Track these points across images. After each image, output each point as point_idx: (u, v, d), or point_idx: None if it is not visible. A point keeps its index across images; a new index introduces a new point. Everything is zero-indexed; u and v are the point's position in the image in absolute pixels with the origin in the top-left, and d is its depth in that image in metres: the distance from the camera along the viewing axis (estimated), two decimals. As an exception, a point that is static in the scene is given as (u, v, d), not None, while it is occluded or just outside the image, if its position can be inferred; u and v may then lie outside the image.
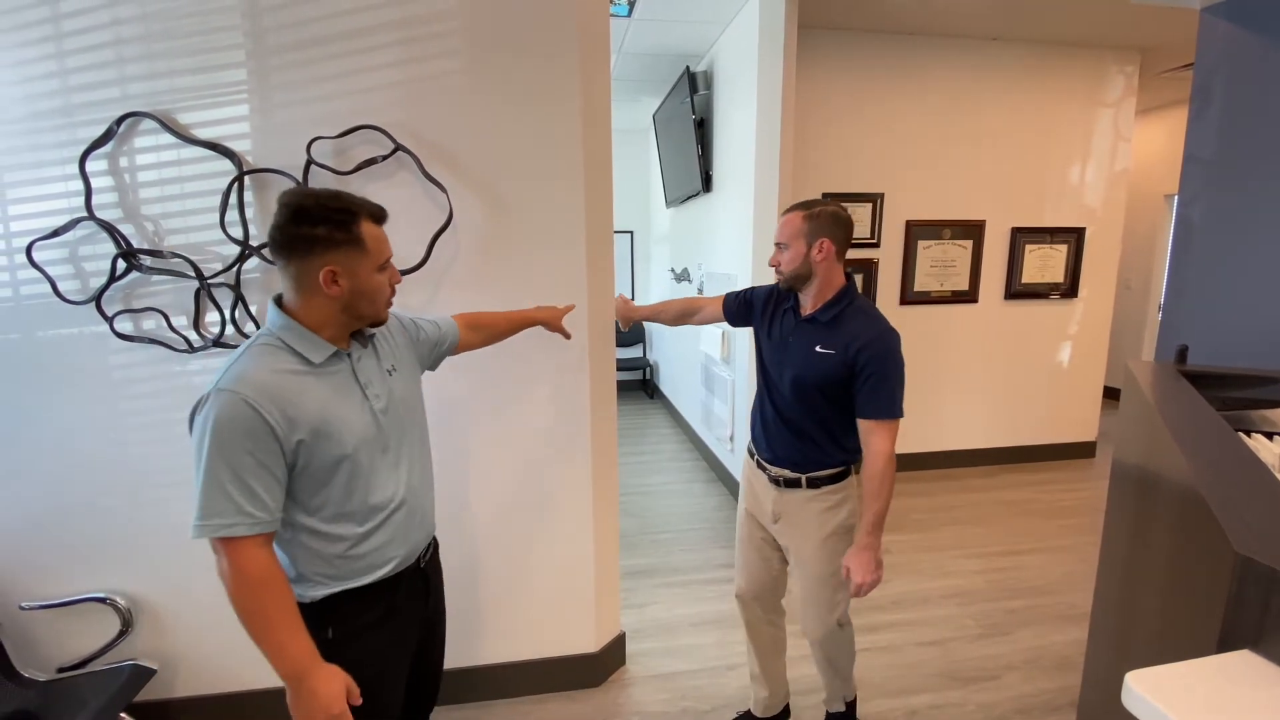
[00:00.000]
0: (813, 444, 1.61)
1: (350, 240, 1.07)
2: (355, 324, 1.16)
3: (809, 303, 1.61)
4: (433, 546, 1.36)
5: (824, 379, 1.54)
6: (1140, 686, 0.60)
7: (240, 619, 1.01)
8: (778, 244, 1.60)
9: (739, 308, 1.85)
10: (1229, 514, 0.77)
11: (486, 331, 1.65)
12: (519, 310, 1.78)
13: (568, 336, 1.84)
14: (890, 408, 1.50)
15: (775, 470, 1.67)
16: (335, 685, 1.04)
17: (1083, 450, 4.52)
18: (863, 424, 1.54)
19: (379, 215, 1.14)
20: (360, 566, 1.16)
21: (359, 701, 1.08)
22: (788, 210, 1.59)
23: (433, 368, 1.50)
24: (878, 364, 1.49)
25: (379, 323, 1.21)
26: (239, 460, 1.00)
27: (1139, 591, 1.19)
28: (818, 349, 1.55)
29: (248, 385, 1.02)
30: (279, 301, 1.12)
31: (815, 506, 1.63)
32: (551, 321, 1.79)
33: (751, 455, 1.79)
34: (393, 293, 1.20)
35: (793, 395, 1.60)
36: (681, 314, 2.00)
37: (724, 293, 1.90)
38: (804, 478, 1.63)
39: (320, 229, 1.05)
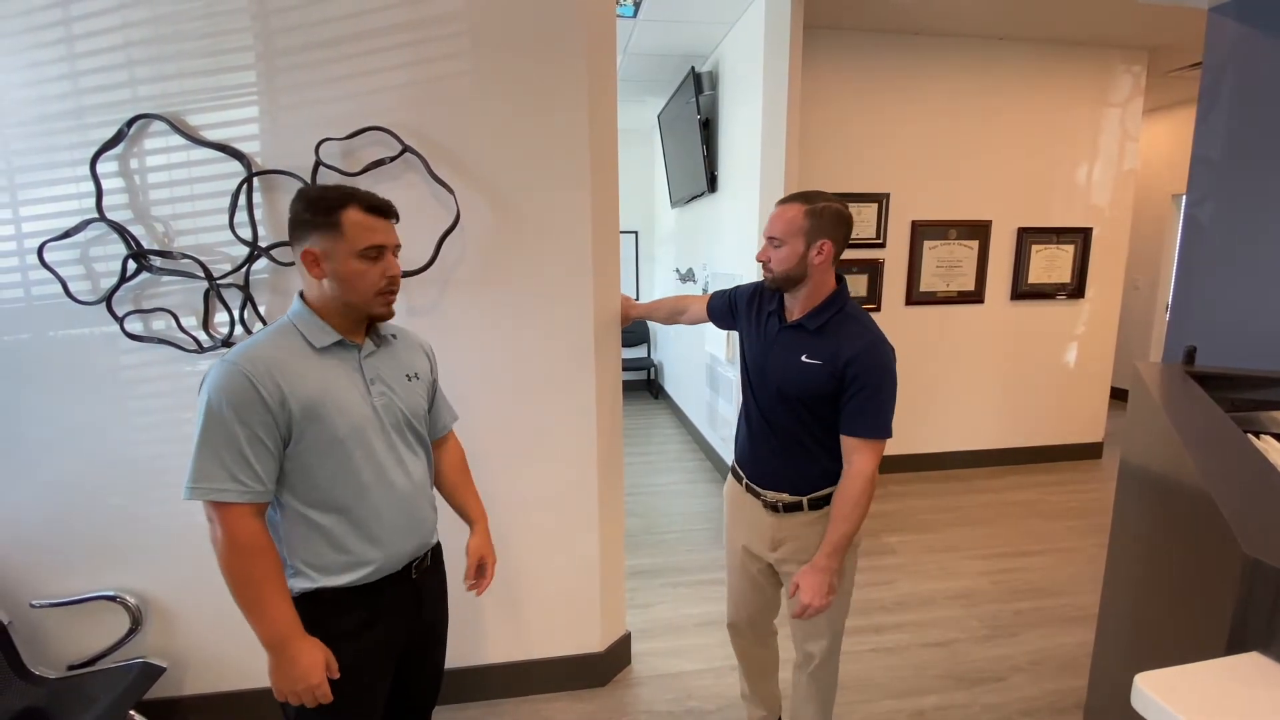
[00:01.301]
0: (809, 460, 1.49)
1: (329, 224, 1.10)
2: (355, 314, 1.18)
3: (796, 307, 1.47)
4: (430, 557, 1.33)
5: (810, 392, 1.41)
6: (1149, 688, 0.60)
7: (228, 584, 1.05)
8: (771, 238, 1.42)
9: (723, 308, 1.72)
10: (1238, 516, 0.76)
11: (443, 477, 1.46)
12: (476, 502, 1.51)
13: (474, 584, 1.45)
14: (878, 426, 1.38)
15: (773, 495, 1.53)
16: (315, 655, 1.08)
17: (1089, 451, 4.50)
18: (846, 441, 1.41)
19: (376, 207, 1.14)
20: (343, 562, 1.15)
21: (337, 675, 1.11)
22: (786, 200, 1.41)
23: None
24: (869, 377, 1.37)
25: (377, 317, 1.20)
26: (233, 429, 1.03)
27: (1147, 593, 1.19)
28: (804, 358, 1.41)
29: (249, 359, 1.07)
30: (302, 293, 1.18)
31: (821, 528, 1.49)
32: (473, 548, 1.44)
33: (739, 479, 1.62)
34: (387, 286, 1.17)
35: (781, 408, 1.47)
36: (672, 313, 1.94)
37: (712, 291, 1.80)
38: (805, 500, 1.50)
39: (306, 213, 1.11)
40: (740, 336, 1.65)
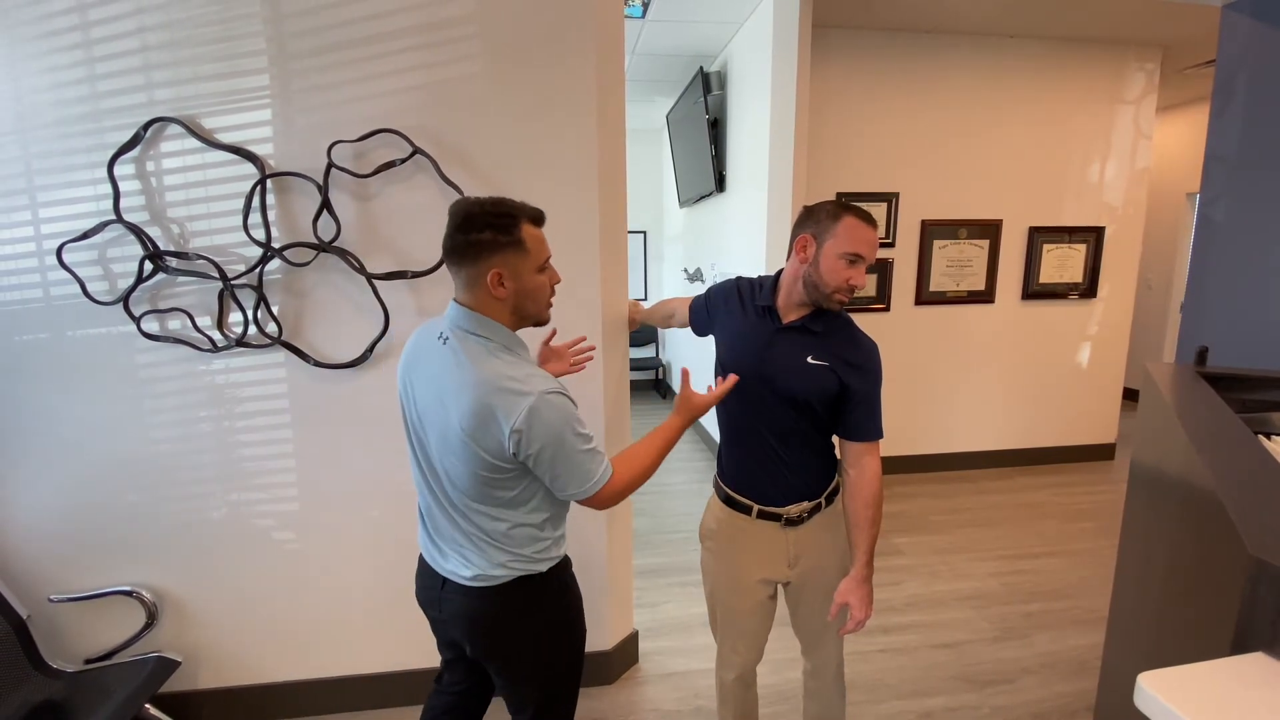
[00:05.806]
0: (822, 459, 1.49)
1: (513, 243, 1.14)
2: (521, 324, 1.24)
3: (796, 309, 1.44)
4: None
5: (819, 393, 1.39)
6: (1152, 687, 0.60)
7: (643, 479, 1.30)
8: (870, 263, 1.37)
9: (700, 312, 1.66)
10: (1245, 516, 0.76)
11: None
12: None
13: None
14: (880, 426, 1.43)
15: (795, 509, 1.47)
16: (698, 397, 1.40)
17: (1101, 452, 4.46)
18: (854, 446, 1.42)
19: (538, 218, 1.20)
20: (557, 548, 1.33)
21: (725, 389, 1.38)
22: (871, 222, 1.36)
23: None
24: (873, 381, 1.41)
25: (541, 322, 1.28)
26: (583, 432, 1.19)
27: (1157, 595, 1.18)
28: (810, 360, 1.39)
29: (552, 384, 1.16)
30: (465, 304, 1.19)
31: (831, 522, 1.51)
32: None
33: (746, 510, 1.50)
34: (553, 292, 1.26)
35: (790, 415, 1.42)
36: (665, 317, 1.88)
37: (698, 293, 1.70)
38: (823, 499, 1.50)
39: (485, 234, 1.12)
40: (719, 342, 1.56)
